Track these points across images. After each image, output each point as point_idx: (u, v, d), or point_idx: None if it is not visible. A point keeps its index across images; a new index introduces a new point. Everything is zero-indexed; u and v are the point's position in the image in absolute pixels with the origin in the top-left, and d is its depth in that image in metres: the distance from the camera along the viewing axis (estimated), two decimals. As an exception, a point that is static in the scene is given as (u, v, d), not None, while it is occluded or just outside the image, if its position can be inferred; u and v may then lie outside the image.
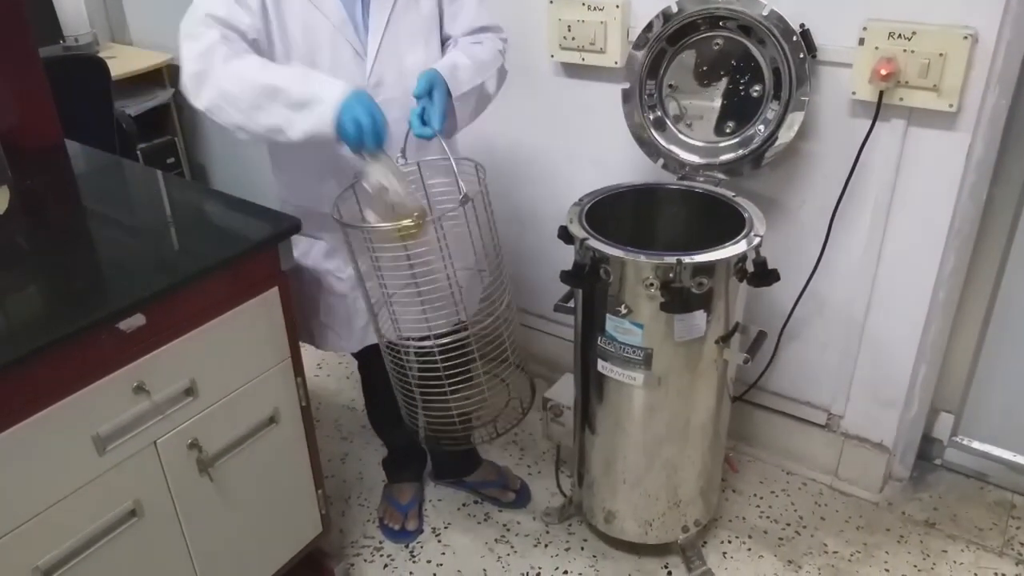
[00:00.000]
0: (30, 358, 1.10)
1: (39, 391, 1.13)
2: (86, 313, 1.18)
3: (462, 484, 2.07)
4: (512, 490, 2.03)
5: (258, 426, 1.47)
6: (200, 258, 1.33)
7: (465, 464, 2.05)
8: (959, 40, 1.48)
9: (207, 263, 1.31)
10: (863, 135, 1.64)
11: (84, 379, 1.18)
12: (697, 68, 1.73)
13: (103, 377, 1.20)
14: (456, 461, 2.04)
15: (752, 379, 2.05)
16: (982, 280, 1.83)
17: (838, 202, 1.73)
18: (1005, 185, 1.72)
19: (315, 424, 2.27)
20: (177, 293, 1.26)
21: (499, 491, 2.03)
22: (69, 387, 1.16)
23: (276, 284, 1.43)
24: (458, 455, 2.02)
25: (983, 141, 1.59)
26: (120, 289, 1.27)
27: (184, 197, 1.69)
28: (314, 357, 2.61)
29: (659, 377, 1.58)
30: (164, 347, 1.28)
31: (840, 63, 1.63)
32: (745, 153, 1.72)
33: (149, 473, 1.32)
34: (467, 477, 2.05)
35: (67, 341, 1.13)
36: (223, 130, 1.38)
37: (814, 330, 1.93)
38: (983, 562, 1.80)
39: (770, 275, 1.54)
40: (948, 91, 1.52)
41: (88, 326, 1.16)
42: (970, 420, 1.99)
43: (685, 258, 1.45)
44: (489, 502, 2.03)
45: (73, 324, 1.15)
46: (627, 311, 1.54)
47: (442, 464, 2.08)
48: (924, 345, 1.82)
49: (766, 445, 2.13)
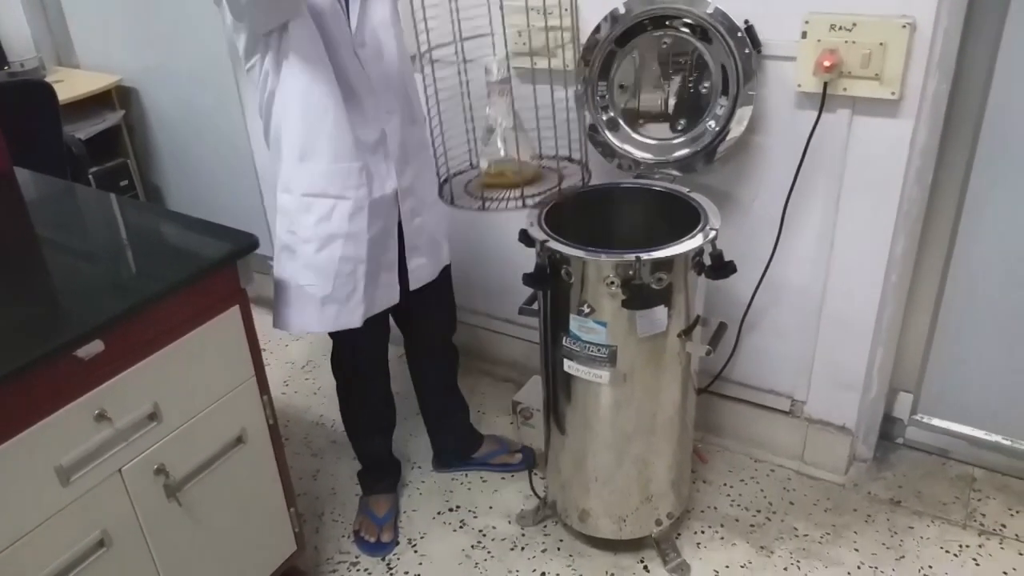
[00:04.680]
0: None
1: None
2: (42, 342, 1.16)
3: (469, 463, 2.11)
4: (517, 451, 2.12)
5: (225, 447, 1.46)
6: (157, 280, 1.32)
7: (470, 443, 2.11)
8: (898, 29, 1.53)
9: (164, 285, 1.30)
10: (810, 126, 1.67)
11: (43, 410, 1.16)
12: (647, 68, 1.76)
13: (63, 407, 1.18)
14: (459, 441, 2.10)
15: (716, 370, 2.08)
16: (932, 261, 1.88)
17: (789, 192, 1.77)
18: (949, 168, 1.77)
19: (284, 442, 2.26)
20: (135, 317, 1.25)
21: (506, 456, 2.12)
22: (28, 419, 1.14)
23: (237, 302, 1.43)
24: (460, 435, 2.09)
25: (926, 126, 1.64)
26: (76, 316, 1.25)
27: (138, 219, 1.67)
28: (280, 374, 2.60)
29: (624, 374, 1.60)
30: (124, 372, 1.26)
31: (785, 57, 1.66)
32: (697, 149, 1.75)
33: (116, 502, 1.30)
34: (474, 455, 2.11)
35: (24, 372, 1.11)
36: (177, 150, 1.38)
37: (773, 319, 1.97)
38: (948, 535, 1.84)
39: (727, 267, 1.56)
40: (889, 79, 1.56)
41: (45, 355, 1.14)
42: (928, 398, 2.04)
43: (643, 255, 1.47)
44: (497, 470, 2.10)
45: (29, 354, 1.13)
46: (590, 310, 1.56)
47: (446, 449, 2.11)
48: (880, 328, 1.86)
49: (733, 435, 2.16)
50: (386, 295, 1.67)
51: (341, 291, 1.58)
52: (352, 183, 1.51)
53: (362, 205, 1.53)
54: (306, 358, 2.68)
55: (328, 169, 1.50)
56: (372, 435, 1.96)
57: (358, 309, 1.61)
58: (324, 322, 1.61)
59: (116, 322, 1.23)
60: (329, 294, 1.58)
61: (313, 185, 1.51)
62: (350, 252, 1.56)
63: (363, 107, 1.51)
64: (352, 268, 1.57)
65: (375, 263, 1.60)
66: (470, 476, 2.11)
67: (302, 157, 1.50)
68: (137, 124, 3.23)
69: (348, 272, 1.57)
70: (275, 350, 2.73)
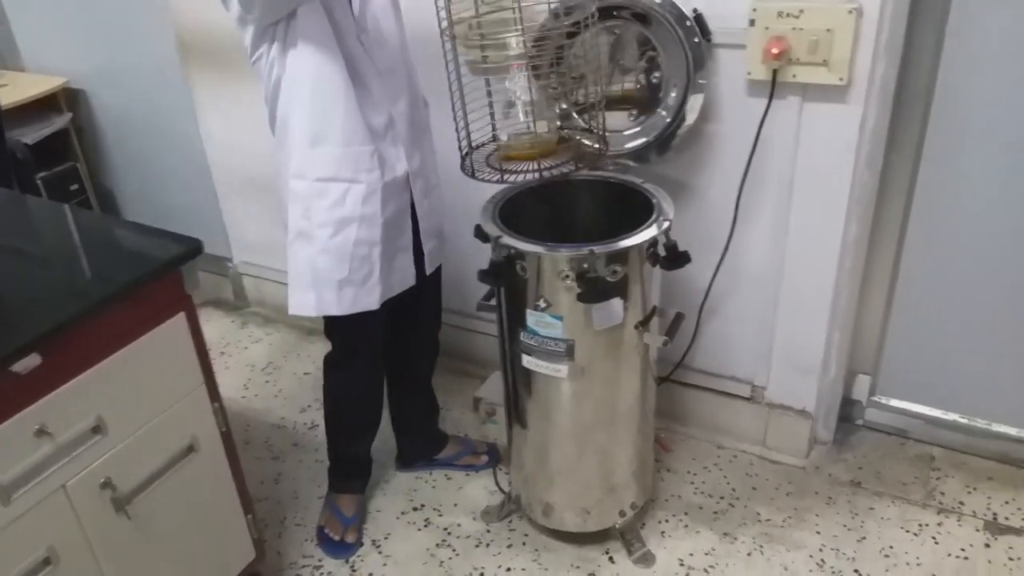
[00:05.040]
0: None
1: (-72, 446, 1.07)
2: (-26, 359, 1.12)
3: (433, 463, 2.09)
4: (482, 453, 2.11)
5: (176, 457, 1.43)
6: (97, 289, 1.28)
7: (435, 443, 2.09)
8: (844, 15, 1.53)
9: (104, 294, 1.26)
10: (762, 114, 1.67)
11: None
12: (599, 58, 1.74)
13: (0, 424, 1.14)
14: (426, 442, 2.08)
15: (677, 358, 2.08)
16: (886, 244, 1.90)
17: (743, 180, 1.77)
18: (899, 152, 1.78)
19: (245, 446, 2.24)
20: (74, 328, 1.21)
21: (471, 457, 2.10)
22: (-38, 438, 1.11)
23: (183, 309, 1.39)
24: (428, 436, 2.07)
25: (875, 111, 1.65)
26: (11, 329, 1.20)
27: (78, 226, 1.61)
28: (240, 377, 2.55)
29: (582, 367, 1.59)
30: (65, 386, 1.22)
31: (734, 45, 1.66)
32: (651, 139, 1.74)
33: (61, 518, 1.26)
34: (437, 455, 2.09)
35: (-46, 390, 1.08)
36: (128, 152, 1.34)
37: (732, 305, 1.98)
38: (908, 515, 1.87)
39: (681, 257, 1.56)
40: (837, 65, 1.57)
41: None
42: (886, 380, 2.06)
43: (597, 248, 1.46)
44: (462, 469, 2.09)
45: (-40, 372, 1.09)
46: (546, 304, 1.54)
47: (412, 448, 2.10)
48: (835, 311, 1.87)
49: (696, 422, 2.17)
50: (402, 278, 1.68)
51: (357, 274, 1.58)
52: (364, 166, 1.52)
53: (375, 188, 1.54)
54: (266, 360, 2.64)
55: (340, 153, 1.51)
56: (360, 433, 1.92)
57: (375, 291, 1.61)
58: (342, 304, 1.61)
59: (54, 334, 1.19)
60: (346, 277, 1.58)
61: (326, 169, 1.52)
62: (364, 235, 1.56)
63: (371, 92, 1.53)
64: (367, 251, 1.58)
65: (391, 246, 1.61)
66: (435, 474, 2.09)
67: (313, 142, 1.51)
68: (87, 127, 3.14)
69: (363, 255, 1.58)
70: (234, 352, 2.69)
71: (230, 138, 2.62)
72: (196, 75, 2.57)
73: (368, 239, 1.57)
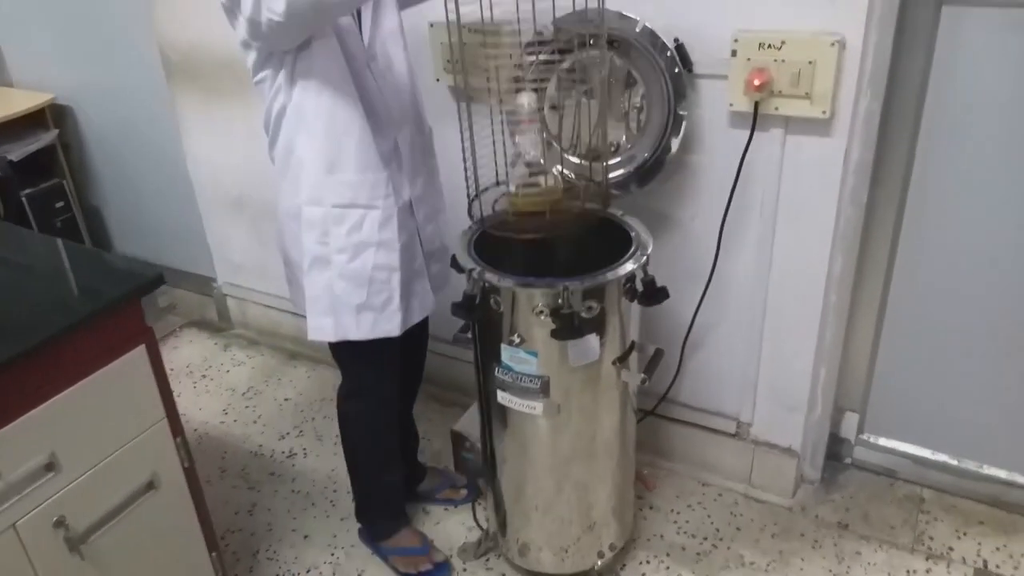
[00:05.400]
0: None
1: None
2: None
3: (412, 496, 2.03)
4: (462, 487, 2.06)
5: (134, 494, 1.38)
6: (51, 321, 1.24)
7: (415, 476, 2.04)
8: (827, 47, 1.49)
9: (59, 327, 1.22)
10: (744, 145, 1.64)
11: (-81, 468, 1.08)
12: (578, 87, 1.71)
13: (-56, 463, 1.11)
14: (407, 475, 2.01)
15: (661, 392, 2.03)
16: (872, 280, 1.85)
17: (725, 212, 1.73)
18: (885, 187, 1.75)
19: (222, 474, 2.20)
20: (24, 363, 1.17)
21: (451, 491, 2.06)
22: (-99, 479, 1.07)
23: (143, 341, 1.35)
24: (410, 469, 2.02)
25: (859, 145, 1.61)
26: (-41, 363, 1.17)
27: (34, 253, 1.57)
28: (220, 402, 2.51)
29: (558, 404, 1.55)
30: (16, 422, 1.18)
31: (716, 75, 1.62)
32: (631, 171, 1.71)
33: (11, 558, 1.22)
34: (416, 488, 2.04)
35: None
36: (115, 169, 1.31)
37: (717, 339, 1.93)
38: (896, 560, 1.81)
39: (659, 293, 1.52)
40: (820, 98, 1.53)
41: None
42: (875, 418, 2.01)
43: (571, 284, 1.43)
44: (441, 504, 2.04)
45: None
46: (520, 340, 1.50)
47: None
48: (821, 347, 1.83)
49: (681, 458, 2.12)
50: (422, 303, 1.66)
51: (376, 299, 1.56)
52: (381, 192, 1.52)
53: (391, 214, 1.53)
54: (247, 384, 2.60)
55: (357, 180, 1.50)
56: (389, 460, 1.86)
57: (395, 317, 1.59)
58: (362, 329, 1.58)
59: (4, 369, 1.15)
60: (364, 301, 1.56)
61: (343, 196, 1.50)
62: (383, 260, 1.54)
63: (378, 119, 1.52)
64: (387, 276, 1.56)
65: (408, 271, 1.59)
66: (413, 507, 2.04)
67: (329, 169, 1.49)
68: (74, 143, 3.13)
69: (383, 280, 1.56)
70: (216, 376, 2.65)
71: (214, 158, 2.60)
72: (180, 94, 2.55)
73: (387, 264, 1.55)
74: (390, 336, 1.59)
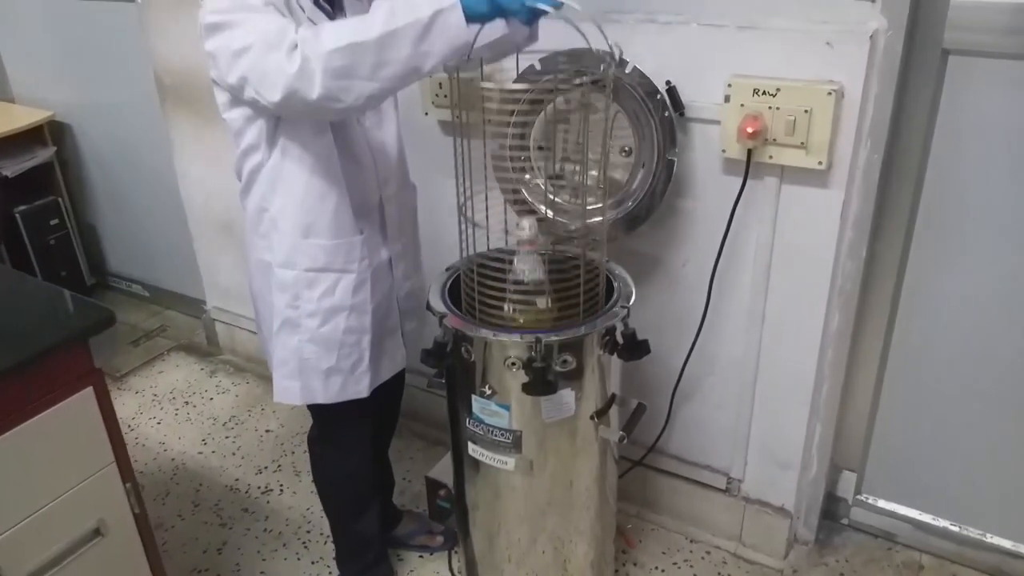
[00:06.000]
0: None
1: None
2: None
3: (386, 541, 1.94)
4: (438, 533, 2.00)
5: (79, 542, 1.32)
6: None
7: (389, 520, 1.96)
8: (823, 96, 1.42)
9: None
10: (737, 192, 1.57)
11: None
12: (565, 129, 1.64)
13: None
14: None
15: (650, 442, 1.95)
16: (872, 336, 1.76)
17: (716, 261, 1.65)
18: (886, 240, 1.66)
19: (195, 508, 2.13)
20: (-43, 406, 1.12)
21: (426, 537, 2.00)
22: None
23: (91, 383, 1.29)
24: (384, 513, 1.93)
25: (859, 197, 1.53)
26: None
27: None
28: (200, 431, 2.45)
29: (531, 460, 1.47)
30: (-54, 467, 1.13)
31: (709, 120, 1.56)
32: (620, 215, 1.64)
33: (-62, 610, 1.16)
34: (391, 532, 1.96)
35: None
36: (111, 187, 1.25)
37: (707, 390, 1.85)
38: (889, 632, 1.71)
39: (640, 347, 1.44)
40: (816, 148, 1.46)
41: None
42: (873, 478, 1.92)
43: (545, 336, 1.35)
44: (415, 550, 1.98)
45: None
46: (492, 392, 1.43)
47: None
48: (817, 404, 1.74)
49: (669, 511, 2.02)
50: (391, 362, 1.63)
51: (345, 362, 1.52)
52: (355, 256, 1.47)
53: (365, 277, 1.49)
54: (230, 413, 2.54)
55: (332, 245, 1.45)
56: (364, 505, 1.79)
57: (364, 379, 1.55)
58: (329, 392, 1.54)
59: (-66, 412, 1.09)
60: (333, 365, 1.52)
61: (316, 260, 1.45)
62: (354, 324, 1.50)
63: (364, 175, 1.48)
64: (356, 339, 1.52)
65: (379, 330, 1.55)
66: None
67: (305, 234, 1.44)
68: (71, 161, 3.11)
69: (352, 343, 1.52)
70: (199, 403, 2.59)
71: (206, 182, 2.56)
72: (174, 117, 2.51)
73: (358, 327, 1.51)
74: (359, 397, 1.55)
